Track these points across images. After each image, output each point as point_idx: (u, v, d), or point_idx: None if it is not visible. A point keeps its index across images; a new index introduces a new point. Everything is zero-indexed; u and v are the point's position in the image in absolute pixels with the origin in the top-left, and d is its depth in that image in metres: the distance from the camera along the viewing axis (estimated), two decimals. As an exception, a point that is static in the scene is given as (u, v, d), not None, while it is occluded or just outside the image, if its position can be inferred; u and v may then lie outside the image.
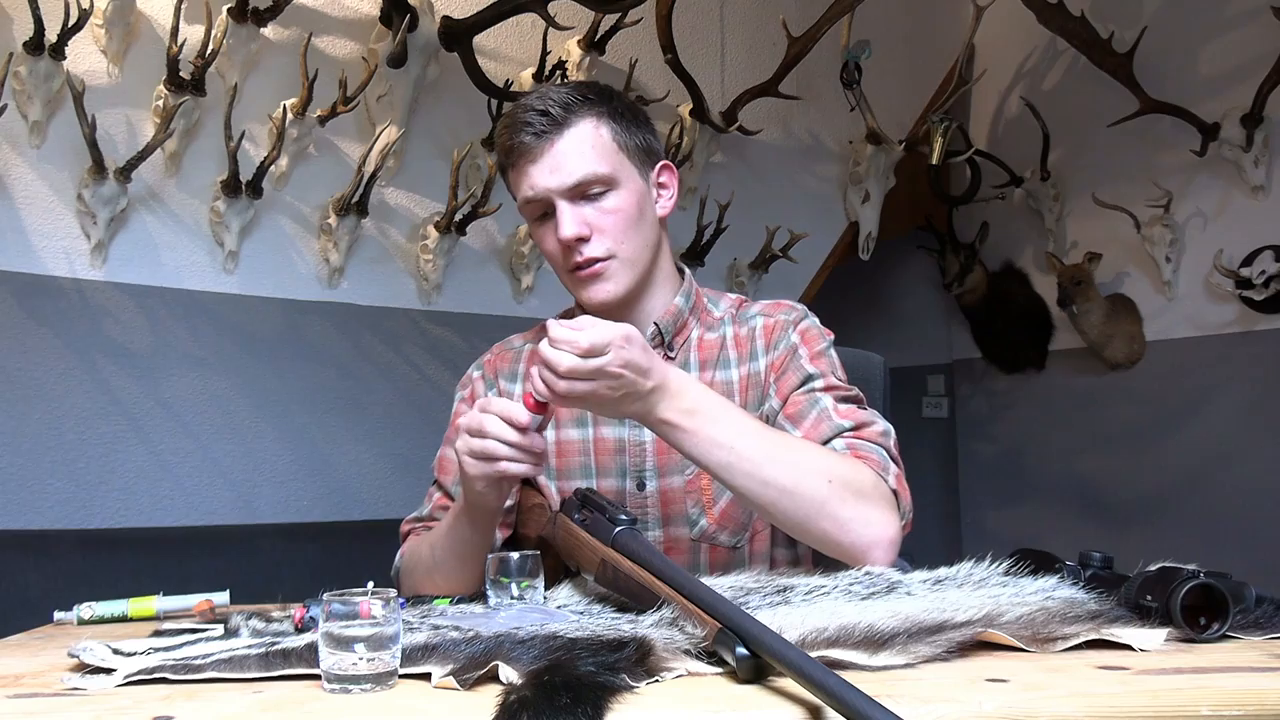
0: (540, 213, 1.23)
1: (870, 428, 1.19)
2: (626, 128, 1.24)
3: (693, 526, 1.27)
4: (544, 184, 1.20)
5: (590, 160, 1.19)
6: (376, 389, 2.69)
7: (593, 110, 1.21)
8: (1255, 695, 0.69)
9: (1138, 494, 3.61)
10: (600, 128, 1.21)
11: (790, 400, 1.23)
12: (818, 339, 1.29)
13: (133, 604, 1.17)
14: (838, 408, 1.20)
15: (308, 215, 2.61)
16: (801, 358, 1.26)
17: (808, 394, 1.23)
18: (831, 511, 1.06)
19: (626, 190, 1.22)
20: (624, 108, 1.25)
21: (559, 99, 1.20)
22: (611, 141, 1.21)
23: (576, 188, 1.19)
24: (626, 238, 1.22)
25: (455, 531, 1.17)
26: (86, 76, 2.23)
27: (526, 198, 1.22)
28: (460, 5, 2.72)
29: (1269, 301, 3.23)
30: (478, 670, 0.73)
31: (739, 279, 3.38)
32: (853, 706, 0.60)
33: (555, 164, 1.19)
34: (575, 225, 1.19)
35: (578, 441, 1.30)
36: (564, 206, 1.20)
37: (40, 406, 2.22)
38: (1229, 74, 3.31)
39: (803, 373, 1.25)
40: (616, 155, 1.22)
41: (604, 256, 1.21)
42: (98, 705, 0.70)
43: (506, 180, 1.27)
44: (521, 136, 1.19)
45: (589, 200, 1.20)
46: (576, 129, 1.20)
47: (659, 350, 1.29)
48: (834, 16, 3.02)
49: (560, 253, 1.22)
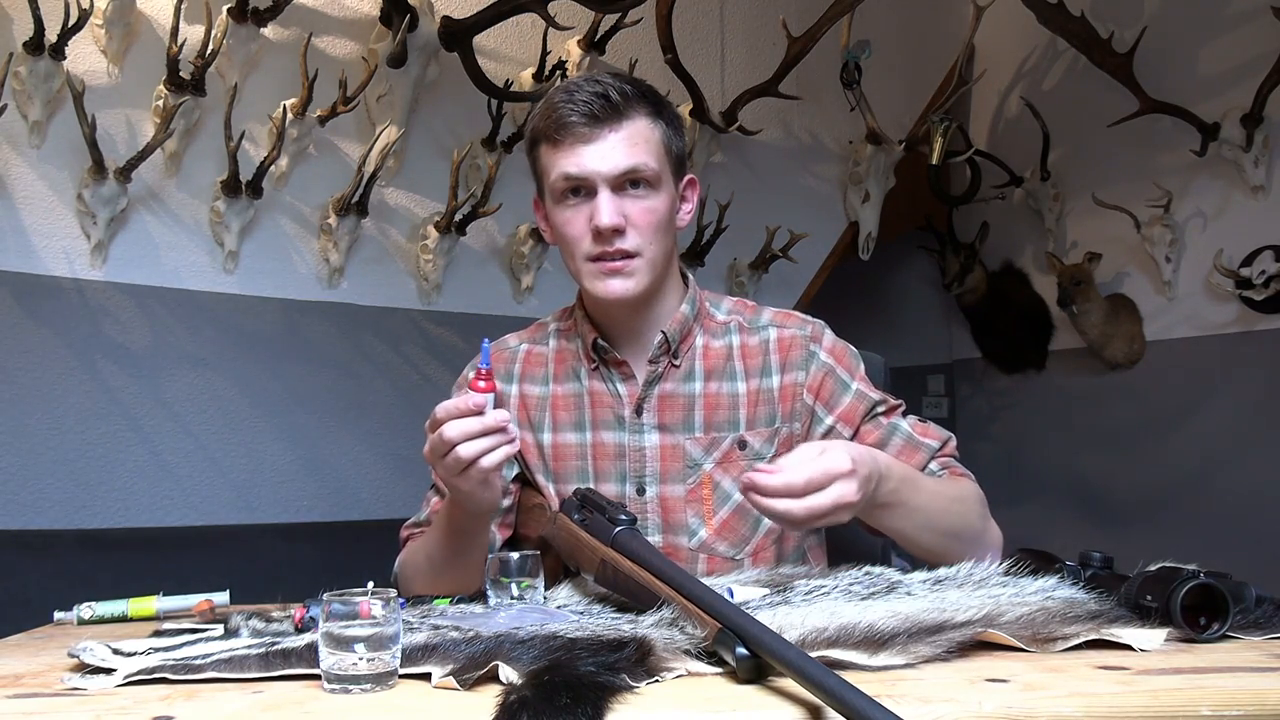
0: (575, 190, 1.21)
1: (949, 444, 1.29)
2: (673, 133, 1.25)
3: (692, 536, 1.27)
4: (593, 167, 1.18)
5: (643, 153, 1.20)
6: (376, 389, 2.69)
7: (649, 107, 1.22)
8: (1255, 695, 0.69)
9: (1138, 494, 3.61)
10: (655, 127, 1.22)
11: (863, 430, 1.28)
12: (849, 356, 1.33)
13: (133, 604, 1.17)
14: (916, 428, 1.28)
15: (308, 215, 2.61)
16: (848, 381, 1.29)
17: (875, 421, 1.28)
18: (977, 536, 1.19)
19: (665, 194, 1.23)
20: (673, 114, 1.27)
21: (618, 88, 1.20)
22: (661, 143, 1.22)
23: (624, 175, 1.19)
24: (655, 239, 1.22)
25: (450, 540, 1.16)
26: (86, 76, 2.23)
27: (567, 174, 1.19)
28: (460, 5, 2.72)
29: (1269, 301, 3.22)
30: (478, 670, 0.73)
31: (739, 279, 3.38)
32: (852, 706, 0.60)
33: (609, 149, 1.18)
34: (615, 215, 1.18)
35: (574, 445, 1.29)
36: (606, 194, 1.19)
37: (40, 406, 2.22)
38: (1229, 74, 3.31)
39: (866, 400, 1.29)
40: (663, 158, 1.23)
41: (633, 253, 1.21)
42: (98, 705, 0.70)
43: (535, 156, 1.25)
44: (576, 115, 1.18)
45: (630, 193, 1.20)
46: (635, 121, 1.20)
47: (664, 359, 1.29)
48: (834, 16, 3.02)
49: (589, 239, 1.21)
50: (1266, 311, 3.26)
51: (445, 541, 1.18)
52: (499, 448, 1.01)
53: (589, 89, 1.19)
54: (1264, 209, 3.27)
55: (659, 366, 1.29)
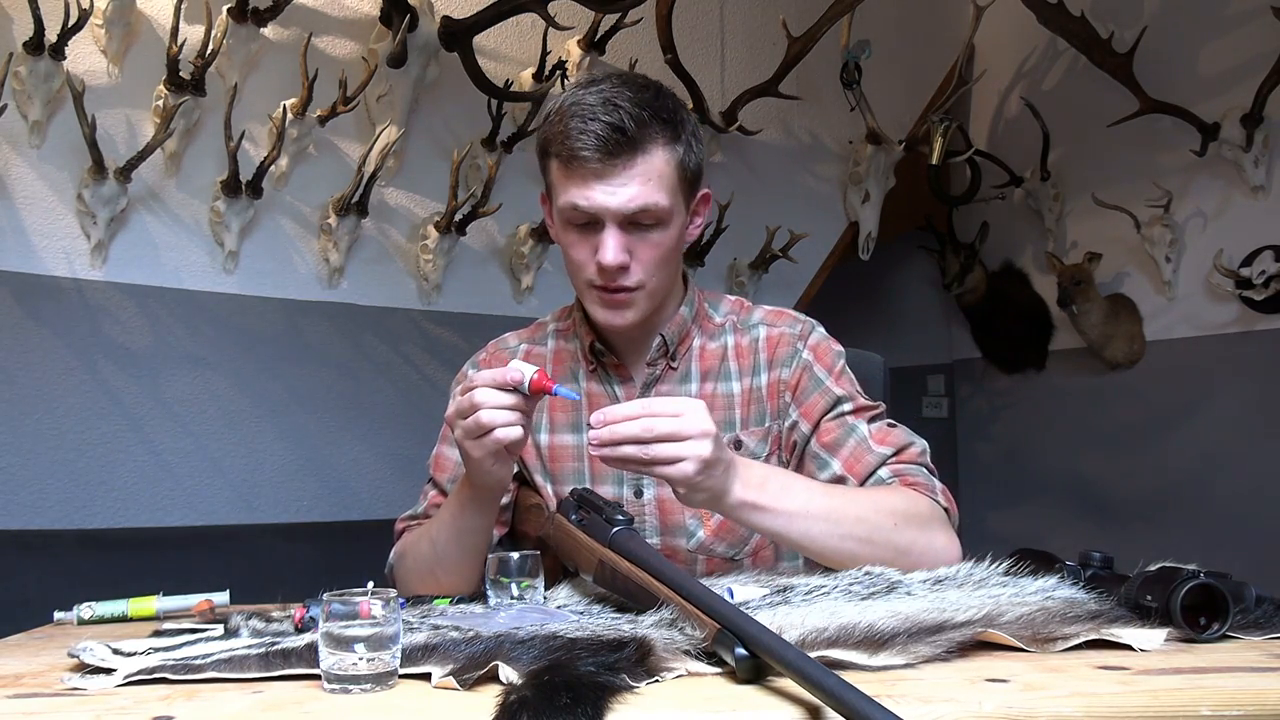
0: (583, 222, 1.18)
1: (908, 450, 1.21)
2: (690, 152, 1.20)
3: (690, 538, 1.27)
4: (601, 203, 1.14)
5: (653, 191, 1.15)
6: (376, 389, 2.69)
7: (665, 133, 1.16)
8: (1255, 695, 0.69)
9: (1138, 494, 3.61)
10: (670, 157, 1.16)
11: (823, 427, 1.24)
12: (831, 354, 1.29)
13: (133, 604, 1.17)
14: (874, 434, 1.22)
15: (308, 215, 2.61)
16: (821, 377, 1.26)
17: (839, 420, 1.23)
18: (905, 548, 1.10)
19: (675, 225, 1.20)
20: (692, 126, 1.21)
21: (634, 114, 1.13)
22: (675, 172, 1.17)
23: (633, 215, 1.15)
24: (659, 271, 1.21)
25: (458, 519, 1.16)
26: (86, 76, 2.23)
27: (576, 206, 1.16)
28: (460, 5, 2.72)
29: (1269, 301, 3.23)
30: (478, 670, 0.73)
31: (739, 279, 3.38)
32: (852, 706, 0.60)
33: (619, 187, 1.14)
34: (620, 253, 1.16)
35: (571, 446, 1.29)
36: (613, 231, 1.16)
37: (40, 406, 2.22)
38: (1229, 74, 3.31)
39: (830, 396, 1.25)
40: (676, 187, 1.18)
41: (634, 287, 1.19)
42: (98, 705, 0.70)
43: (546, 168, 1.21)
44: (589, 150, 1.12)
45: (637, 228, 1.17)
46: (648, 156, 1.14)
47: (662, 361, 1.29)
48: (834, 16, 3.02)
49: (592, 267, 1.19)
50: (1266, 311, 3.26)
51: (452, 522, 1.17)
52: (518, 425, 1.02)
53: (604, 117, 1.12)
54: (1264, 209, 3.27)
55: (657, 369, 1.29)
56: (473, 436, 1.04)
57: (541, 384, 1.02)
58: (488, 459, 1.06)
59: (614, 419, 0.99)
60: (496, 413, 1.02)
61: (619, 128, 1.12)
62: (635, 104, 1.14)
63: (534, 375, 1.02)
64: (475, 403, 1.03)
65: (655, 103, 1.16)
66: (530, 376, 1.02)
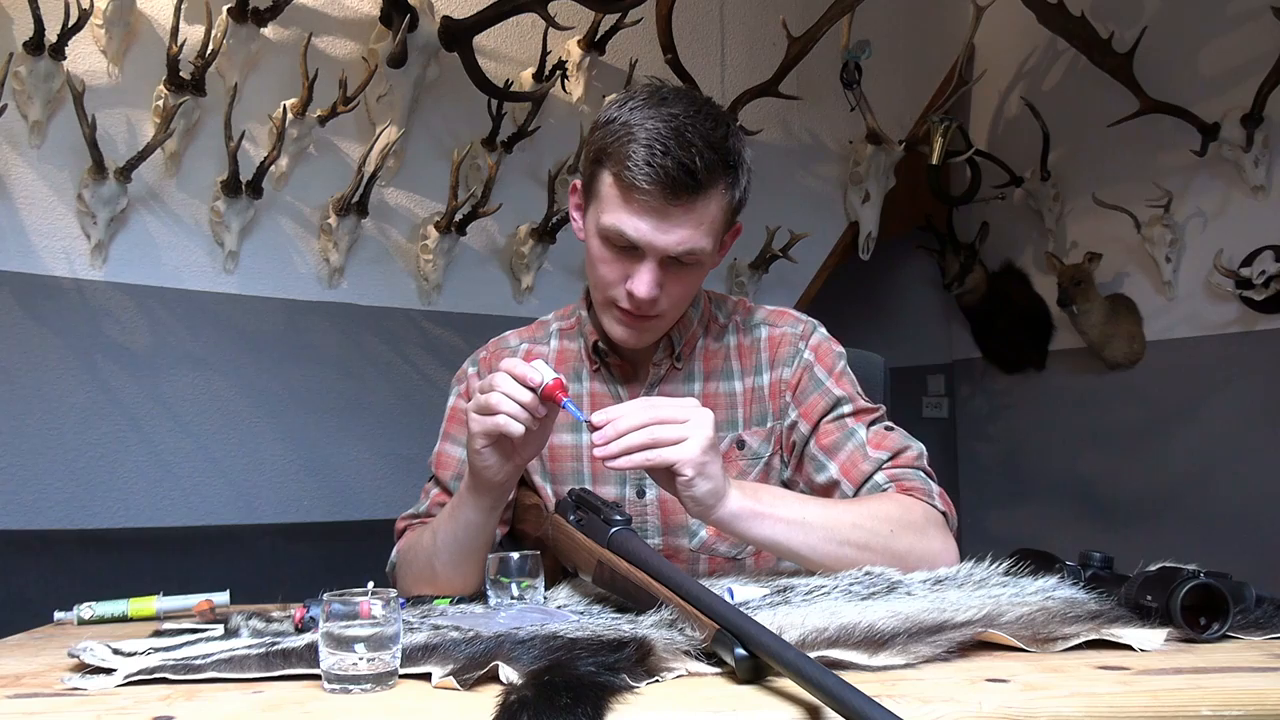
0: (623, 245, 1.16)
1: (905, 454, 1.21)
2: (743, 192, 1.19)
3: (692, 538, 1.27)
4: (650, 239, 1.13)
5: (701, 236, 1.15)
6: (376, 389, 2.69)
7: (728, 176, 1.15)
8: (1255, 695, 0.69)
9: (1138, 494, 3.61)
10: (725, 202, 1.16)
11: (821, 429, 1.24)
12: (832, 355, 1.29)
13: (133, 604, 1.17)
14: (871, 438, 1.22)
15: (308, 215, 2.61)
16: (822, 378, 1.26)
17: (838, 422, 1.24)
18: (901, 554, 1.09)
19: (708, 264, 1.21)
20: (748, 166, 1.19)
21: (705, 157, 1.11)
22: (723, 216, 1.17)
23: (678, 255, 1.15)
24: (682, 302, 1.22)
25: (459, 517, 1.15)
26: (86, 76, 2.23)
27: (622, 233, 1.14)
28: (460, 5, 2.72)
29: (1269, 301, 3.23)
30: (478, 670, 0.73)
31: (739, 279, 3.38)
32: (852, 706, 0.60)
33: (673, 228, 1.13)
34: (653, 288, 1.16)
35: (570, 447, 1.29)
36: (651, 266, 1.15)
37: (40, 406, 2.22)
38: (1229, 74, 3.31)
39: (830, 397, 1.25)
40: (720, 229, 1.18)
41: (654, 315, 1.20)
42: (98, 705, 0.70)
43: (596, 175, 1.17)
44: (652, 184, 1.10)
45: (675, 264, 1.17)
46: (708, 201, 1.14)
47: (666, 361, 1.29)
48: (834, 16, 3.02)
49: (620, 293, 1.19)
50: (1266, 311, 3.26)
51: (453, 523, 1.16)
52: (521, 422, 1.02)
53: (678, 153, 1.09)
54: (1264, 209, 3.27)
55: (662, 369, 1.29)
56: (479, 413, 1.04)
57: (552, 393, 1.02)
58: (487, 448, 1.06)
59: (618, 418, 1.00)
60: (506, 401, 1.02)
61: (689, 170, 1.10)
62: (707, 144, 1.12)
63: (549, 381, 1.02)
64: (493, 384, 1.04)
65: (725, 144, 1.14)
66: (546, 381, 1.02)
